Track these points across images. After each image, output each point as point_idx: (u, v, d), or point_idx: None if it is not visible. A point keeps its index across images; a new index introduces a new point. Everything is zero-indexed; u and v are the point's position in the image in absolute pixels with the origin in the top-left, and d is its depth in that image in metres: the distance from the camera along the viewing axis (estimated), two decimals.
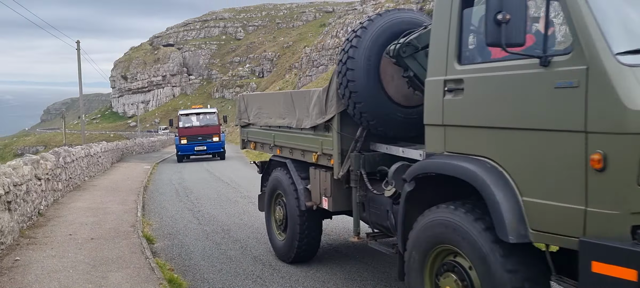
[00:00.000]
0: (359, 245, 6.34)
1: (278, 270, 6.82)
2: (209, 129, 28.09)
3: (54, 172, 11.88)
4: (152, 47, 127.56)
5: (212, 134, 27.90)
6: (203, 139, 27.65)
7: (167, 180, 18.76)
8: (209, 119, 28.77)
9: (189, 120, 28.46)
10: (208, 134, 27.84)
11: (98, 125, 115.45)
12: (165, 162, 28.74)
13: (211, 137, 27.88)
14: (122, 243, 8.04)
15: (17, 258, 7.10)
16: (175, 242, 8.70)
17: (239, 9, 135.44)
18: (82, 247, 7.78)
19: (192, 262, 7.42)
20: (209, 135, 27.88)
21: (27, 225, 9.12)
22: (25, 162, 9.77)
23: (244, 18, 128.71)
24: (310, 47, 76.57)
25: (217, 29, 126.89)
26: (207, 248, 8.11)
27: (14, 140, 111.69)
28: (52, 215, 10.37)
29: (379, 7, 66.00)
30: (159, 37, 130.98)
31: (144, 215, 11.13)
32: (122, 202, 12.44)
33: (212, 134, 27.88)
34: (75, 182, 15.03)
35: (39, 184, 10.34)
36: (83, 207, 11.59)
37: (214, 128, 28.26)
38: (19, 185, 8.60)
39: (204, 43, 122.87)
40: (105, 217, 10.26)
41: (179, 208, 12.07)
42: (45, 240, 8.22)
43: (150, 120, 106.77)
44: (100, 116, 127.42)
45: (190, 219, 10.66)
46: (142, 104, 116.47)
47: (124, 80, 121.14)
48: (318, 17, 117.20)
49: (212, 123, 28.39)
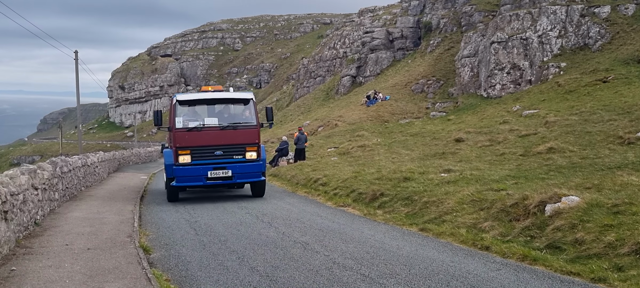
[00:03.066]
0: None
1: (275, 280, 6.80)
2: (239, 133, 14.64)
3: (51, 182, 11.86)
4: (149, 57, 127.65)
5: (244, 144, 14.60)
6: (226, 156, 14.51)
7: (163, 190, 18.71)
8: (238, 113, 15.41)
9: (195, 114, 15.15)
10: (236, 145, 14.56)
11: (95, 135, 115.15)
12: (162, 173, 28.67)
13: (242, 151, 14.58)
14: (119, 253, 8.01)
15: (13, 268, 7.07)
16: (172, 252, 8.67)
17: (236, 20, 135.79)
18: (78, 257, 7.75)
19: (189, 272, 7.39)
20: (238, 147, 14.58)
21: (24, 235, 9.09)
22: (23, 172, 9.75)
23: (241, 29, 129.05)
24: (308, 58, 76.82)
25: (215, 40, 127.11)
26: (204, 259, 8.08)
27: (10, 149, 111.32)
28: (48, 225, 10.33)
29: (376, 18, 66.28)
30: (157, 47, 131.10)
31: (140, 225, 11.11)
32: (118, 212, 12.40)
33: (244, 145, 14.60)
34: (72, 192, 14.99)
35: (36, 194, 10.31)
36: (80, 216, 11.56)
37: (248, 133, 14.73)
38: (15, 195, 8.57)
39: (201, 53, 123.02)
40: (102, 227, 10.23)
41: (175, 219, 12.04)
42: (41, 250, 8.19)
43: (147, 130, 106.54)
44: (98, 126, 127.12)
45: (187, 229, 10.63)
46: (139, 114, 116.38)
47: (121, 90, 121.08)
48: (316, 29, 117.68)
49: (246, 122, 14.96)
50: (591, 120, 19.03)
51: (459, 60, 40.83)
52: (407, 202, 11.75)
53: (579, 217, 7.91)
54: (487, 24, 39.95)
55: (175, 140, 14.34)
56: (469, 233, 8.93)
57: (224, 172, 14.33)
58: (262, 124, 15.16)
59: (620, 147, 14.58)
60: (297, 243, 8.92)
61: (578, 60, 31.36)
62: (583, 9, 34.02)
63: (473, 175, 12.99)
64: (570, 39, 33.30)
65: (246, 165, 14.53)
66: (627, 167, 11.62)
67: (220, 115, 15.06)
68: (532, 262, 7.18)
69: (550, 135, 18.11)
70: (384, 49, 54.46)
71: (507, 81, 34.32)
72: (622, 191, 9.08)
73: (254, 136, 14.65)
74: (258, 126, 14.76)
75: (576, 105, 22.80)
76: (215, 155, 14.35)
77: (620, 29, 31.67)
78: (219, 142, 14.38)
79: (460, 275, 6.78)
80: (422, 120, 33.88)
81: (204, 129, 14.46)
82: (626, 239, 6.92)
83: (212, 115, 14.96)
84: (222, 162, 14.37)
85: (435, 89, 42.16)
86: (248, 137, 14.60)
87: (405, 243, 8.69)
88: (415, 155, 20.14)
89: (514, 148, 17.41)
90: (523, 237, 8.28)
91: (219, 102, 15.48)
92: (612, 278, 6.25)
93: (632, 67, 26.28)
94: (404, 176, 13.73)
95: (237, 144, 14.49)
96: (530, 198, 9.11)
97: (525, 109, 26.00)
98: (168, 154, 14.93)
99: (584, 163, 13.03)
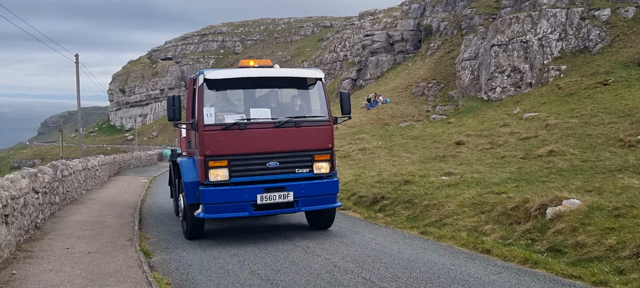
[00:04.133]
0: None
1: (276, 284, 6.80)
2: (305, 134, 9.47)
3: (51, 185, 11.86)
4: (150, 60, 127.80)
5: (311, 151, 9.52)
6: (283, 169, 9.34)
7: (164, 193, 18.70)
8: (298, 102, 10.00)
9: (230, 102, 10.00)
10: (300, 152, 9.45)
11: (95, 139, 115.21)
12: (163, 176, 28.63)
13: (308, 162, 9.49)
14: (119, 257, 8.01)
15: (14, 272, 7.07)
16: (173, 255, 8.66)
17: (237, 23, 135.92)
18: (79, 261, 7.75)
19: (189, 276, 7.39)
20: (303, 155, 9.47)
21: (24, 239, 9.08)
22: (23, 175, 9.75)
23: (242, 32, 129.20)
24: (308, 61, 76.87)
25: (216, 43, 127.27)
26: (204, 262, 8.08)
27: (11, 152, 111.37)
28: (49, 229, 10.33)
29: (376, 22, 66.37)
30: (158, 50, 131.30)
31: (141, 228, 11.10)
32: (119, 215, 12.40)
33: (311, 152, 9.51)
34: (73, 196, 14.99)
35: (37, 197, 10.31)
36: (80, 220, 11.55)
37: (318, 132, 9.63)
38: (16, 199, 8.57)
39: (202, 57, 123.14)
40: (103, 231, 10.22)
41: (176, 222, 12.03)
42: (42, 254, 8.18)
43: (147, 134, 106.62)
44: (98, 129, 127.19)
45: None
46: (139, 117, 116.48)
47: (121, 94, 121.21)
48: (316, 32, 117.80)
49: (314, 115, 9.81)
50: (592, 123, 19.02)
51: (459, 63, 40.84)
52: (407, 205, 11.75)
53: (580, 220, 7.90)
54: (488, 27, 39.98)
55: (204, 145, 8.95)
56: (469, 236, 8.92)
57: (281, 195, 9.13)
58: (336, 118, 9.84)
59: (621, 149, 14.57)
60: (297, 246, 8.92)
61: (578, 63, 31.36)
62: (583, 11, 34.04)
63: (474, 178, 12.98)
64: (570, 42, 33.31)
65: (315, 184, 9.37)
66: (627, 170, 11.62)
67: (267, 104, 9.69)
68: (533, 265, 7.18)
69: (550, 138, 18.11)
70: (385, 52, 54.51)
71: (507, 84, 34.32)
72: (623, 194, 9.07)
73: (326, 137, 9.54)
74: (332, 122, 9.67)
75: (577, 108, 22.79)
76: (268, 169, 9.15)
77: (620, 32, 31.68)
78: (274, 147, 9.17)
79: (461, 278, 6.77)
80: (422, 123, 33.89)
81: (251, 127, 9.12)
82: (627, 242, 6.92)
83: (259, 104, 9.70)
84: (278, 179, 9.20)
85: (435, 92, 42.18)
86: (317, 138, 9.46)
87: (406, 247, 8.69)
88: (416, 158, 20.14)
89: (514, 151, 17.40)
90: (524, 240, 8.28)
91: (274, 83, 10.03)
92: (614, 281, 6.24)
93: (633, 70, 26.29)
94: (405, 179, 13.72)
95: (301, 151, 9.33)
96: (531, 202, 9.10)
97: (526, 111, 26.00)
98: (188, 167, 9.77)
99: (585, 166, 13.02)
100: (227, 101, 9.86)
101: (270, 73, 9.96)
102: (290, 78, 10.12)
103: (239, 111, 9.57)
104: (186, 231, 9.97)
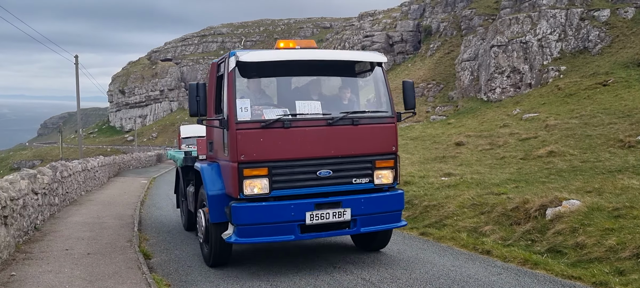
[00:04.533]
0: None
1: (276, 285, 6.79)
2: (363, 133, 7.43)
3: (51, 187, 11.85)
4: (150, 61, 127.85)
5: (371, 156, 7.45)
6: (336, 179, 7.28)
7: (164, 194, 18.69)
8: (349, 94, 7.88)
9: (264, 94, 7.74)
10: (358, 157, 7.38)
11: (95, 140, 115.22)
12: (163, 177, 28.62)
13: (368, 170, 7.44)
14: (119, 258, 8.00)
15: (13, 274, 7.06)
16: (172, 257, 8.66)
17: (237, 24, 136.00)
18: (78, 262, 7.74)
19: (189, 277, 7.38)
20: (362, 161, 7.41)
21: (23, 240, 9.07)
22: (23, 177, 9.74)
23: (242, 33, 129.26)
24: None
25: (215, 44, 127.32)
26: (204, 263, 8.06)
27: (10, 154, 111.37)
28: (48, 230, 10.32)
29: (376, 22, 66.37)
30: (157, 51, 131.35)
31: (140, 229, 11.09)
32: (118, 216, 12.39)
33: (371, 158, 7.45)
34: (72, 197, 14.97)
35: (36, 199, 10.30)
36: (80, 221, 11.54)
37: (380, 131, 7.58)
38: (15, 200, 8.56)
39: (202, 58, 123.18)
40: (102, 232, 10.21)
41: (176, 223, 12.01)
42: (41, 255, 8.17)
43: (147, 135, 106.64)
44: (98, 130, 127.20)
45: (188, 234, 10.61)
46: (139, 119, 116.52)
47: (121, 95, 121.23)
48: (316, 33, 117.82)
49: (375, 110, 7.74)
50: (591, 123, 19.02)
51: (459, 64, 40.85)
52: (407, 206, 11.74)
53: (579, 221, 7.90)
54: (487, 27, 40.00)
55: (238, 147, 6.98)
56: (469, 237, 8.92)
57: (336, 212, 7.19)
58: (399, 113, 7.74)
59: (620, 150, 14.56)
60: (298, 247, 8.92)
61: (578, 64, 31.37)
62: (583, 12, 34.05)
63: (473, 179, 12.98)
64: (570, 43, 33.32)
65: (377, 199, 7.45)
66: (627, 171, 11.62)
67: (307, 96, 7.70)
68: (533, 266, 7.17)
69: (550, 138, 18.10)
70: (384, 52, 54.53)
71: (507, 85, 34.33)
72: (623, 195, 9.07)
73: (389, 138, 7.61)
74: (396, 118, 7.69)
75: (576, 109, 22.79)
76: (318, 179, 7.21)
77: (619, 33, 31.69)
78: (326, 151, 7.24)
79: (461, 279, 6.76)
80: (422, 124, 33.89)
81: (297, 124, 7.18)
82: (627, 243, 6.91)
83: (296, 96, 7.61)
84: (331, 191, 7.27)
85: (435, 92, 42.20)
86: (379, 139, 7.53)
87: (405, 248, 8.68)
88: (416, 159, 20.13)
89: (514, 152, 17.40)
90: (524, 241, 8.27)
91: (325, 69, 8.00)
92: (614, 282, 6.23)
93: (632, 71, 26.28)
94: (405, 180, 13.71)
95: (359, 156, 7.37)
96: (530, 202, 9.10)
97: (526, 112, 26.00)
98: (212, 176, 7.77)
99: (585, 167, 13.01)
100: (259, 92, 7.65)
101: (324, 56, 7.95)
102: (347, 62, 8.02)
103: (271, 105, 7.48)
104: (208, 257, 7.89)
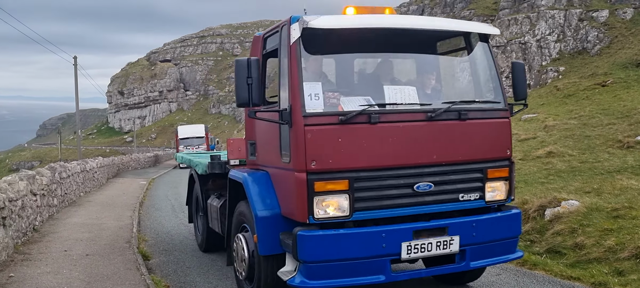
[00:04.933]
0: None
1: None
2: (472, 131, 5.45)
3: (49, 188, 11.83)
4: (149, 62, 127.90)
5: (481, 163, 5.53)
6: (438, 196, 5.29)
7: (163, 195, 18.68)
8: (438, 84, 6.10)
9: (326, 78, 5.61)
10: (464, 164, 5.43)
11: (94, 141, 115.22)
12: (161, 178, 28.62)
13: (477, 182, 5.49)
14: (118, 259, 7.99)
15: (12, 275, 7.04)
16: (171, 258, 8.65)
17: (235, 25, 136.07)
18: (77, 264, 7.73)
19: (188, 278, 7.37)
20: (469, 170, 5.45)
21: (22, 241, 9.06)
22: (21, 178, 9.73)
23: (240, 34, 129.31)
24: None
25: (214, 45, 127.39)
26: (203, 264, 8.06)
27: (9, 155, 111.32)
28: (47, 231, 10.30)
29: None
30: (156, 52, 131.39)
31: (139, 230, 11.08)
32: (117, 217, 12.37)
33: (482, 164, 5.52)
34: (71, 198, 14.96)
35: (35, 200, 10.29)
36: (78, 222, 11.53)
37: (491, 129, 5.64)
38: (14, 201, 8.55)
39: (200, 59, 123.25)
40: (101, 233, 10.20)
41: (175, 224, 12.01)
42: (40, 257, 8.16)
43: (146, 136, 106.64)
44: (97, 131, 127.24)
45: (187, 235, 10.60)
46: (138, 119, 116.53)
47: (120, 96, 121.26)
48: None
49: (485, 106, 5.69)
50: (590, 124, 19.03)
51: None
52: None
53: (578, 222, 7.90)
54: None
55: (307, 150, 4.90)
56: None
57: (441, 242, 5.26)
58: (511, 105, 5.91)
59: (619, 151, 14.57)
60: None
61: (577, 65, 31.40)
62: (581, 13, 34.09)
63: None
64: (568, 43, 33.36)
65: (491, 221, 5.54)
66: (626, 171, 11.62)
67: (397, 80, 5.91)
68: (532, 267, 7.17)
69: (549, 139, 18.11)
70: None
71: (506, 85, 34.37)
72: (622, 195, 9.07)
73: (503, 138, 5.81)
74: (509, 111, 5.82)
75: (575, 109, 22.80)
76: (416, 195, 5.23)
77: (618, 33, 31.72)
78: (427, 156, 5.27)
79: None
80: None
81: (387, 118, 5.12)
82: (626, 243, 6.91)
83: (389, 77, 5.82)
84: (432, 212, 5.33)
85: None
86: (491, 140, 5.69)
87: None
88: None
89: (513, 152, 17.40)
90: (523, 241, 8.27)
91: (419, 44, 6.06)
92: (613, 282, 6.23)
93: (631, 71, 26.31)
94: None
95: (466, 163, 5.47)
96: (529, 203, 9.10)
97: (524, 113, 26.03)
98: (260, 190, 5.66)
99: (584, 168, 13.02)
100: (332, 74, 5.84)
101: (425, 24, 5.72)
102: (454, 33, 6.10)
103: (345, 91, 5.44)
104: None
